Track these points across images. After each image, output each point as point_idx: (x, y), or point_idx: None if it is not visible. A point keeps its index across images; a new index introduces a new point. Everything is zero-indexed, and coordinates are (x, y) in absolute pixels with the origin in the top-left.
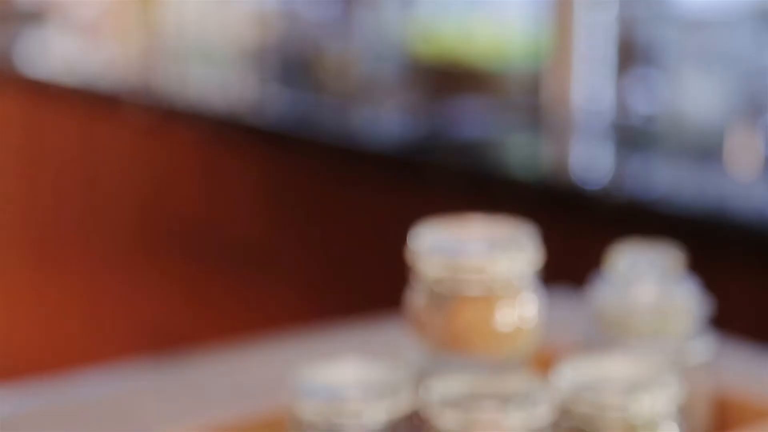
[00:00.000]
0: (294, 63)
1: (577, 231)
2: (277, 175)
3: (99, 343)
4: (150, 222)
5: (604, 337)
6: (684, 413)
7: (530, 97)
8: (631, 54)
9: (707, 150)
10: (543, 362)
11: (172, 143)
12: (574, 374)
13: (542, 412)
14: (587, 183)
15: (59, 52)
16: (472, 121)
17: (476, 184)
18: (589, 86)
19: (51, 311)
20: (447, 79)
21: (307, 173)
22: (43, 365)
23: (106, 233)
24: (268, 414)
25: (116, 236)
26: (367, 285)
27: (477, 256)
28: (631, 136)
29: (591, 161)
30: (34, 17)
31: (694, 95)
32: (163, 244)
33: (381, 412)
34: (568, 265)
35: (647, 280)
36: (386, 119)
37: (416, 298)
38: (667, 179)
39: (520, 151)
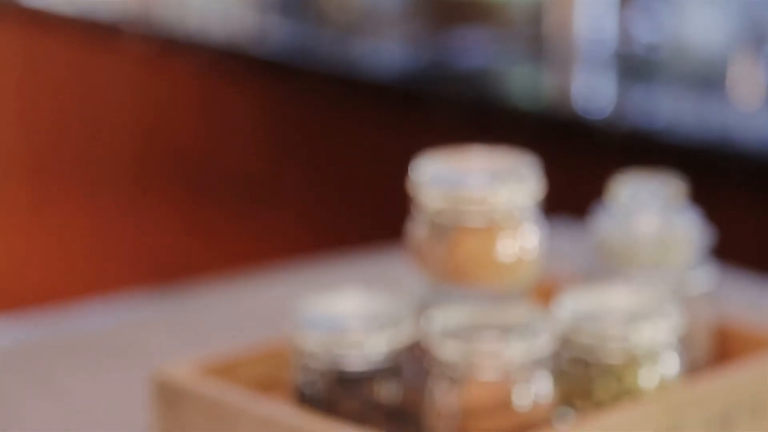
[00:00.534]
0: None
1: (579, 161)
2: (278, 106)
3: (100, 275)
4: (149, 153)
5: (605, 267)
6: (685, 343)
7: (532, 26)
8: None
9: (710, 79)
10: (544, 293)
11: (172, 73)
12: (575, 305)
13: (543, 342)
14: (590, 113)
15: None
16: (474, 51)
17: (478, 115)
18: (591, 15)
19: (52, 243)
20: (449, 9)
21: (308, 104)
22: (44, 297)
23: (106, 164)
24: (269, 345)
25: (116, 167)
26: (368, 216)
27: (478, 187)
28: (634, 66)
29: (593, 91)
30: None
31: (698, 24)
32: (162, 174)
33: (382, 343)
34: (570, 196)
35: (649, 210)
36: (387, 49)
37: (417, 229)
38: (670, 109)
39: (522, 82)
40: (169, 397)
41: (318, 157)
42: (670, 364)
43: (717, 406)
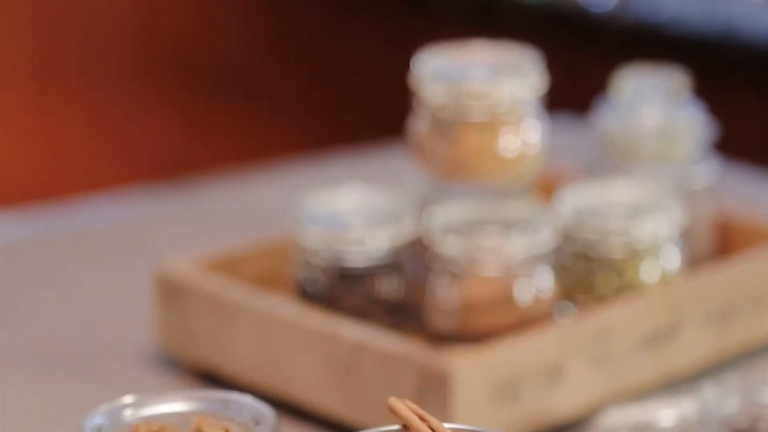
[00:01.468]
0: None
1: (583, 55)
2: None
3: (100, 173)
4: (148, 50)
5: (607, 162)
6: (687, 237)
7: None
8: None
9: None
10: (546, 188)
11: None
12: (576, 199)
13: (545, 237)
14: (593, 5)
15: None
16: None
17: (480, 8)
18: None
19: (52, 141)
20: None
21: None
22: (45, 195)
23: (105, 61)
24: (270, 241)
25: (114, 64)
26: (370, 112)
27: (480, 81)
28: None
29: None
30: None
31: None
32: (162, 71)
33: (383, 239)
34: (573, 90)
35: (652, 104)
36: None
37: (419, 124)
38: (675, 1)
39: None
40: (170, 292)
41: (318, 52)
42: (672, 258)
43: (718, 300)
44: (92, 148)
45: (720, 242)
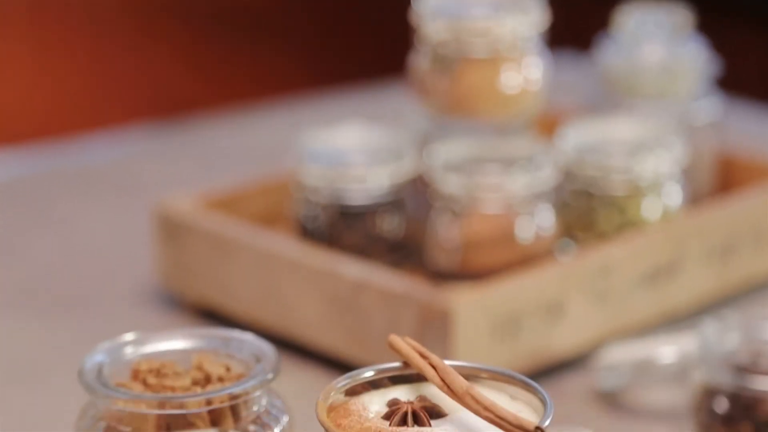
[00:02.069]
0: None
1: None
2: None
3: (100, 112)
4: None
5: (609, 99)
6: (688, 174)
7: None
8: None
9: None
10: (548, 125)
11: None
12: (578, 137)
13: (546, 175)
14: None
15: None
16: None
17: None
18: None
19: (52, 79)
20: None
21: None
22: (47, 130)
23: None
24: (271, 179)
25: (112, 1)
26: (371, 49)
27: (482, 17)
28: None
29: None
30: None
31: None
32: (160, 8)
33: (384, 176)
34: (575, 27)
35: (654, 40)
36: None
37: (420, 61)
38: None
39: None
40: (170, 230)
41: None
42: (673, 195)
43: (719, 237)
44: (92, 86)
45: (721, 179)
